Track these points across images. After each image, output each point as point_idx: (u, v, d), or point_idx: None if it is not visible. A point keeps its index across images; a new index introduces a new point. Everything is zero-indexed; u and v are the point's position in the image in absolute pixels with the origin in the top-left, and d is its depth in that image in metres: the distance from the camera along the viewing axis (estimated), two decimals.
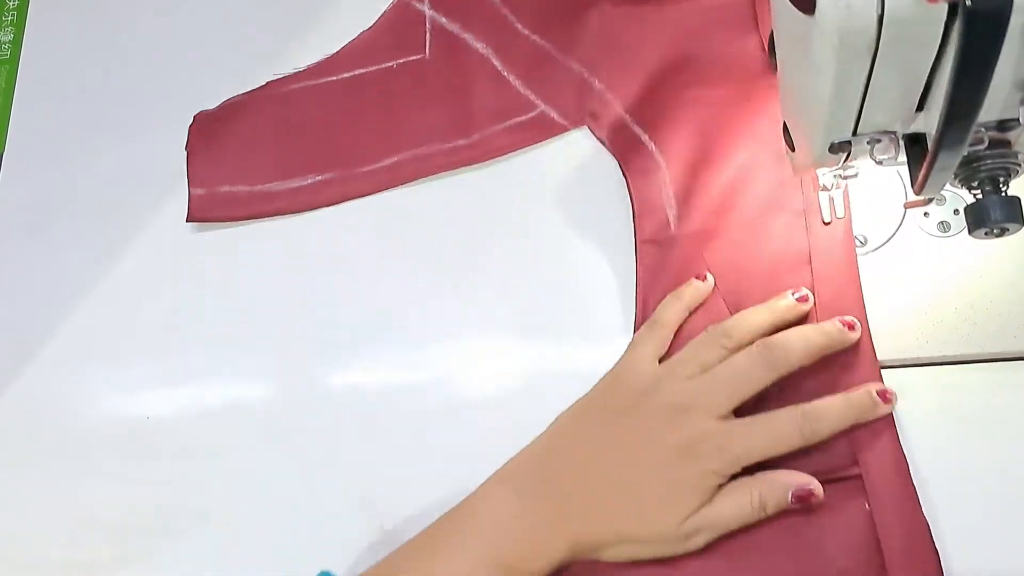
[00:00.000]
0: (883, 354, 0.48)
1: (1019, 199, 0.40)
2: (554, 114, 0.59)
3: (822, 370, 0.48)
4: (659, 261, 0.54)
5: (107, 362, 0.60)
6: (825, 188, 0.51)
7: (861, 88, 0.38)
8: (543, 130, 0.59)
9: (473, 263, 0.57)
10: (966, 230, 0.41)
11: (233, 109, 0.64)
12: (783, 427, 0.45)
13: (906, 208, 0.51)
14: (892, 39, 0.35)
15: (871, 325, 0.49)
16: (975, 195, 0.40)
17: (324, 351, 0.57)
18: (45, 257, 0.64)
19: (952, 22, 0.34)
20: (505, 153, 0.59)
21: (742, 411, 0.47)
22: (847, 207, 0.51)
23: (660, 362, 0.49)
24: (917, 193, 0.40)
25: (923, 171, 0.38)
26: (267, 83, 0.65)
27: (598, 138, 0.58)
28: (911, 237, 0.51)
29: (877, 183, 0.51)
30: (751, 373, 0.46)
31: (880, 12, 0.34)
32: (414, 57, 0.63)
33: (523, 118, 0.60)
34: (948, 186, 0.40)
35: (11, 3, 0.75)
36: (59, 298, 0.62)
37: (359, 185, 0.60)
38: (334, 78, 0.64)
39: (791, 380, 0.47)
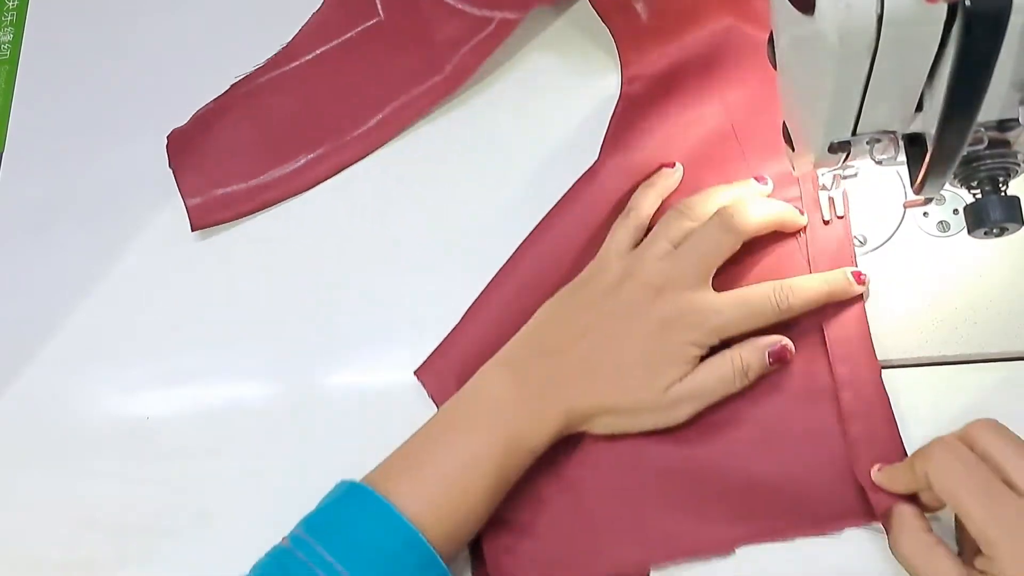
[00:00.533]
0: (883, 354, 0.48)
1: (1018, 199, 0.40)
2: (509, 15, 0.61)
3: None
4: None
5: (107, 362, 0.60)
6: (825, 188, 0.51)
7: (861, 88, 0.38)
8: (503, 32, 0.61)
9: (474, 262, 0.57)
10: (966, 230, 0.41)
11: (206, 118, 0.65)
12: (759, 300, 0.48)
13: (906, 208, 0.51)
14: (892, 39, 0.35)
15: (872, 324, 0.49)
16: (975, 195, 0.40)
17: (324, 351, 0.57)
18: (45, 257, 0.64)
19: (951, 22, 0.34)
20: (477, 69, 0.61)
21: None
22: (847, 207, 0.51)
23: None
24: (916, 193, 0.40)
25: (922, 171, 0.38)
26: (232, 86, 0.65)
27: None
28: (911, 237, 0.51)
29: (877, 183, 0.51)
30: (714, 240, 0.49)
31: (880, 12, 0.34)
32: (371, 22, 0.65)
33: (484, 34, 0.61)
34: (948, 186, 0.40)
35: (11, 3, 0.75)
36: (59, 298, 0.62)
37: (352, 151, 0.62)
38: (298, 63, 0.65)
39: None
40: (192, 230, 0.61)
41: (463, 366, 0.52)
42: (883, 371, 0.48)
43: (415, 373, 0.54)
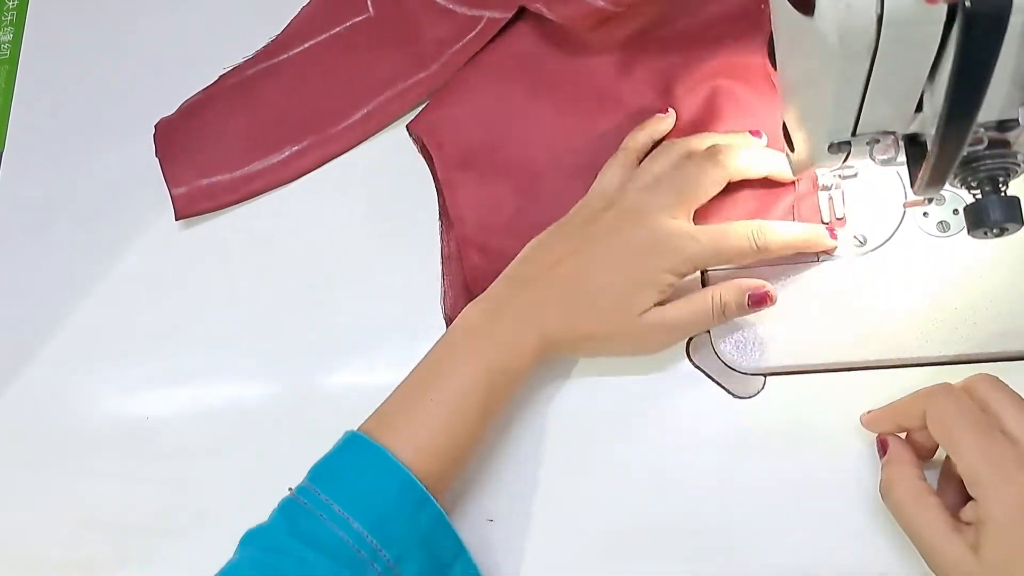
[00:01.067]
0: (883, 354, 0.49)
1: (1018, 199, 0.40)
2: (497, 14, 0.61)
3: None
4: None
5: (107, 362, 0.60)
6: (825, 188, 0.51)
7: (861, 88, 0.38)
8: (490, 31, 0.61)
9: None
10: (965, 230, 0.41)
11: (193, 108, 0.65)
12: (736, 235, 0.48)
13: (906, 208, 0.51)
14: (892, 39, 0.35)
15: (870, 325, 0.49)
16: (975, 195, 0.40)
17: (324, 351, 0.57)
18: (45, 257, 0.64)
19: (951, 22, 0.34)
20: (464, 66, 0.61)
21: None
22: (847, 207, 0.51)
23: None
24: (916, 193, 0.40)
25: (922, 171, 0.38)
26: (220, 76, 0.66)
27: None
28: (911, 237, 0.51)
29: (877, 183, 0.51)
30: (701, 172, 0.49)
31: (880, 12, 0.34)
32: (360, 18, 0.65)
33: (472, 33, 0.62)
34: (948, 186, 0.40)
35: (11, 3, 0.75)
36: (59, 298, 0.62)
37: (336, 144, 0.62)
38: (286, 55, 0.66)
39: None
40: (176, 219, 0.62)
41: (453, 116, 0.57)
42: (882, 371, 0.48)
43: (407, 127, 0.58)
